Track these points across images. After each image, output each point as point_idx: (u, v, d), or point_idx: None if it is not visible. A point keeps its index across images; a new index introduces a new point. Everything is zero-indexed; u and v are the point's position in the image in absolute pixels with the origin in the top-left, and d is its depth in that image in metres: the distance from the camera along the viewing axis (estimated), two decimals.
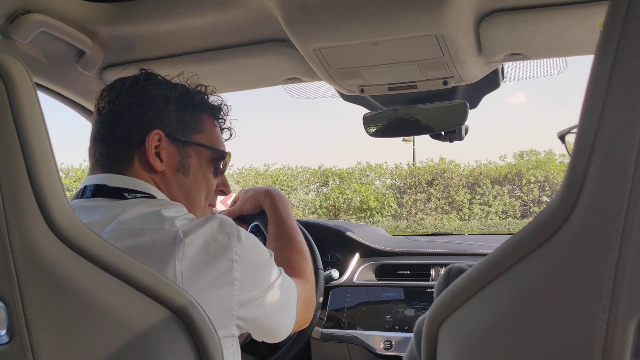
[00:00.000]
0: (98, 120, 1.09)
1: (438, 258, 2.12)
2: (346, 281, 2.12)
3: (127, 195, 1.02)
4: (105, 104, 1.08)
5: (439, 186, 15.85)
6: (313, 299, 1.26)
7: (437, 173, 16.05)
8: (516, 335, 0.57)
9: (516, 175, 15.51)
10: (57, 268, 0.69)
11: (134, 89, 1.08)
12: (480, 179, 15.66)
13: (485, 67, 1.48)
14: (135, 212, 0.96)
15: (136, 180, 1.05)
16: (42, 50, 1.37)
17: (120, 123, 1.06)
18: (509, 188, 15.50)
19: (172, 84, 1.14)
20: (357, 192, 16.39)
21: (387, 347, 1.90)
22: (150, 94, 1.09)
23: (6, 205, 0.67)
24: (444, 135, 1.84)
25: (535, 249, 0.57)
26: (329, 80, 1.53)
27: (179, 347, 0.73)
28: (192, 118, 1.14)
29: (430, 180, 16.01)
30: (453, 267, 0.79)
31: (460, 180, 15.86)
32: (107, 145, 1.07)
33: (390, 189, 16.82)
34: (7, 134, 0.67)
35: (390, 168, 17.20)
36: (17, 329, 0.69)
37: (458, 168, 16.33)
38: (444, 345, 0.67)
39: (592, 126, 0.52)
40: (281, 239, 1.31)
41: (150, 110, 1.08)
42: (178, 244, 0.89)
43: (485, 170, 16.00)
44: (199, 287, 0.89)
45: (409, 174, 16.54)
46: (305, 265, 1.27)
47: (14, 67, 0.68)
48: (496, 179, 15.65)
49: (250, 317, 0.99)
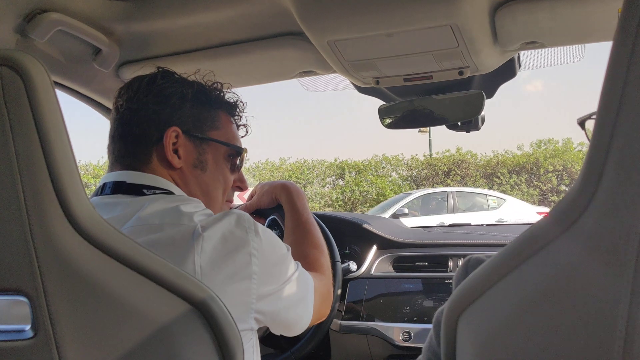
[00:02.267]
0: (116, 118, 1.10)
1: (456, 249, 2.11)
2: (364, 273, 2.12)
3: (146, 191, 1.03)
4: (124, 102, 1.10)
5: (455, 177, 15.76)
6: (330, 293, 1.26)
7: (454, 164, 15.95)
8: (536, 326, 0.57)
9: (534, 165, 15.37)
10: (78, 264, 0.70)
11: (151, 87, 1.10)
12: (498, 169, 15.53)
13: (501, 56, 1.47)
14: (154, 207, 0.97)
15: (155, 177, 1.06)
16: (60, 48, 1.38)
17: (138, 121, 1.08)
18: (527, 178, 15.37)
19: (189, 81, 1.15)
20: (374, 184, 16.35)
21: (406, 338, 1.90)
22: (167, 91, 1.10)
23: (28, 202, 0.68)
24: (460, 126, 1.83)
25: (554, 239, 0.57)
26: (344, 72, 1.52)
27: (200, 341, 0.73)
28: (208, 115, 1.15)
29: (447, 171, 15.92)
30: (472, 258, 0.78)
31: (477, 171, 15.74)
32: (125, 143, 1.08)
33: (406, 180, 16.75)
34: (27, 133, 0.68)
35: (406, 160, 17.14)
36: (41, 324, 0.71)
37: (475, 158, 16.21)
38: (463, 336, 0.67)
39: (612, 113, 0.51)
40: (298, 232, 1.32)
41: (167, 108, 1.09)
42: (197, 239, 0.90)
43: (502, 160, 15.87)
44: (218, 281, 0.90)
45: (426, 165, 16.45)
46: (322, 259, 1.28)
47: (32, 66, 0.68)
48: (514, 168, 15.52)
49: (268, 310, 0.99)
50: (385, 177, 16.83)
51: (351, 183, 16.67)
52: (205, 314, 0.73)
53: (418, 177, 16.54)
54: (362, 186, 16.40)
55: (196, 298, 0.73)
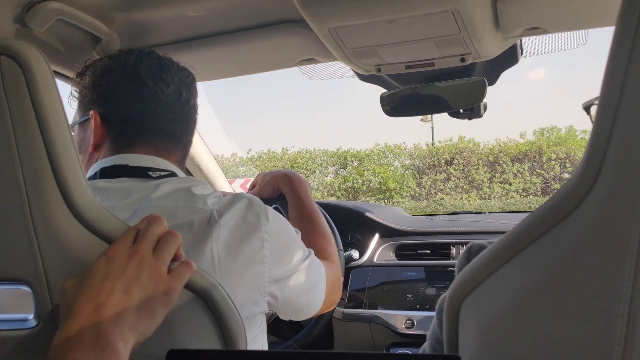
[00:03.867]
0: None
1: (458, 237, 2.12)
2: (366, 261, 2.13)
3: (152, 174, 1.03)
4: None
5: (458, 165, 15.70)
6: (340, 281, 1.28)
7: (457, 152, 15.89)
8: (537, 312, 0.57)
9: (537, 153, 15.30)
10: (80, 252, 0.70)
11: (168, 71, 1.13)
12: (500, 157, 15.47)
13: (503, 42, 1.46)
14: (165, 190, 0.98)
15: (155, 159, 1.06)
16: (59, 37, 1.38)
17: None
18: (530, 166, 15.30)
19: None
20: (376, 174, 16.30)
21: (409, 326, 1.90)
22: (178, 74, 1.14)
23: (29, 191, 0.68)
24: (462, 113, 1.82)
25: (557, 224, 0.57)
26: (345, 60, 1.51)
27: (202, 329, 0.74)
28: None
29: (449, 160, 15.86)
30: (474, 244, 0.78)
31: (480, 159, 15.68)
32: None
33: (409, 169, 16.69)
34: (27, 122, 0.68)
35: (408, 148, 17.05)
36: (44, 312, 0.71)
37: (477, 147, 16.13)
38: (465, 323, 0.67)
39: (614, 99, 0.51)
40: (304, 222, 1.32)
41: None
42: (214, 225, 0.92)
43: (505, 148, 15.79)
44: (235, 267, 0.91)
45: (428, 154, 16.38)
46: (330, 248, 1.29)
47: (31, 55, 0.68)
48: (516, 156, 15.45)
49: (280, 294, 1.01)
50: (387, 166, 16.76)
51: (354, 172, 16.62)
52: (207, 301, 0.74)
53: (420, 165, 16.47)
54: (365, 175, 16.36)
55: (198, 286, 0.73)
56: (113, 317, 0.63)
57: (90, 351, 0.60)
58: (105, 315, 0.63)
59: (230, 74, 1.75)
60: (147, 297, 0.66)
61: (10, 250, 0.70)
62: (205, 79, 1.76)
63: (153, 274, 0.68)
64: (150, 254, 0.69)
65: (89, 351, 0.60)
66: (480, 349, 0.63)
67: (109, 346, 0.61)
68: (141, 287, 0.67)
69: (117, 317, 0.63)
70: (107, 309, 0.63)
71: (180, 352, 0.67)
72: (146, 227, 0.72)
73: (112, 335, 0.62)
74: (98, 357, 0.60)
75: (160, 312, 0.67)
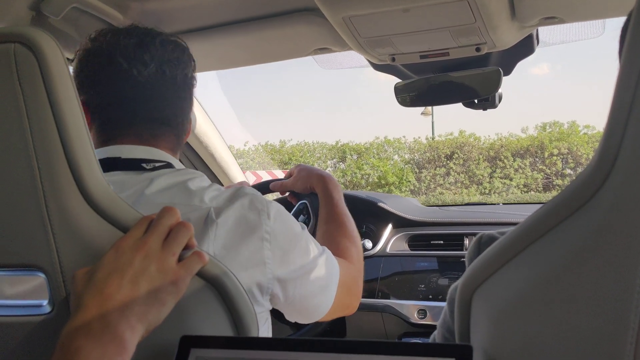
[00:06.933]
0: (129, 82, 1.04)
1: (472, 227, 2.10)
2: (379, 251, 2.13)
3: (146, 165, 0.97)
4: (138, 66, 1.03)
5: (458, 160, 15.39)
6: (359, 285, 1.21)
7: (457, 147, 15.58)
8: (549, 303, 0.56)
9: (538, 148, 14.99)
10: (93, 239, 0.71)
11: (165, 50, 1.05)
12: (501, 152, 15.16)
13: (519, 32, 1.45)
14: (160, 185, 0.92)
15: (149, 149, 1.01)
16: (75, 26, 1.38)
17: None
18: (531, 161, 15.00)
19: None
20: (375, 168, 16.02)
21: (422, 316, 1.90)
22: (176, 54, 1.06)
23: (43, 178, 0.69)
24: (477, 103, 1.81)
25: (570, 215, 0.56)
26: (359, 49, 1.51)
27: (214, 316, 0.74)
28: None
29: (449, 154, 15.55)
30: (484, 234, 0.78)
31: (480, 154, 15.35)
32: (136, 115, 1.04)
33: (408, 163, 16.38)
34: (41, 110, 0.68)
35: (408, 142, 16.74)
36: (58, 299, 0.72)
37: (478, 141, 15.79)
38: (477, 313, 0.67)
39: (630, 88, 0.50)
40: (332, 223, 1.29)
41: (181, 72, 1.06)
42: (211, 225, 0.87)
43: (506, 143, 15.47)
44: (233, 268, 0.85)
45: (428, 148, 16.08)
46: (353, 250, 1.23)
47: (45, 42, 0.69)
48: (517, 151, 15.14)
49: (284, 295, 0.96)
50: (387, 160, 16.45)
51: (352, 166, 16.33)
52: (219, 289, 0.74)
53: (420, 160, 16.19)
54: (364, 169, 16.08)
55: (209, 273, 0.73)
56: (120, 309, 0.64)
57: (96, 341, 0.61)
58: (112, 308, 0.64)
59: (245, 62, 1.75)
60: (155, 288, 0.67)
61: (26, 238, 0.70)
62: (219, 67, 1.76)
63: (160, 265, 0.69)
64: (159, 245, 0.70)
65: (95, 341, 0.61)
66: (492, 339, 0.63)
67: (115, 337, 0.62)
68: (149, 278, 0.68)
69: (124, 309, 0.64)
70: (114, 301, 0.65)
71: (192, 338, 0.68)
72: (157, 218, 0.72)
73: (119, 327, 0.63)
74: (104, 348, 0.61)
75: (169, 301, 0.68)
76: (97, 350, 0.61)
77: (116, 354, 0.61)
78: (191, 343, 0.68)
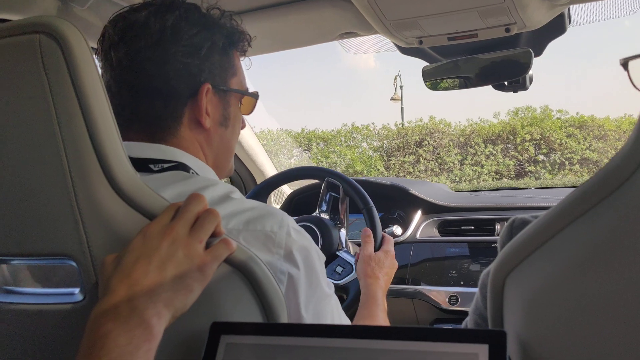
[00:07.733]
0: (125, 70, 0.95)
1: (503, 212, 2.08)
2: (409, 238, 2.12)
3: (153, 167, 0.88)
4: (137, 50, 0.93)
5: (428, 147, 14.73)
6: None
7: (427, 133, 14.93)
8: (583, 288, 0.55)
9: (510, 134, 14.32)
10: (122, 228, 0.71)
11: (178, 34, 0.93)
12: (472, 139, 14.52)
13: (550, 11, 1.41)
14: (167, 194, 0.81)
15: (160, 147, 0.92)
16: (100, 16, 1.39)
17: (165, 76, 0.93)
18: (503, 147, 14.36)
19: (215, 24, 0.98)
20: (342, 156, 15.51)
21: (453, 302, 1.89)
22: (196, 39, 0.93)
23: (72, 169, 0.69)
24: (507, 86, 1.78)
25: (603, 199, 0.54)
26: (386, 32, 1.49)
27: (243, 302, 0.74)
28: (229, 61, 1.00)
29: (419, 141, 14.89)
30: (516, 218, 0.76)
31: (450, 140, 14.71)
32: (143, 103, 0.94)
33: (377, 151, 15.77)
34: (67, 99, 0.68)
35: (377, 129, 16.10)
36: (89, 287, 0.72)
37: (449, 127, 15.13)
38: (510, 298, 0.66)
39: None
40: (364, 314, 1.33)
41: (196, 60, 0.93)
42: None
43: (477, 129, 14.81)
44: None
45: (397, 135, 15.42)
46: (368, 322, 1.29)
47: (70, 33, 0.69)
48: (489, 137, 14.48)
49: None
50: (355, 148, 15.84)
51: (319, 154, 15.71)
52: (247, 275, 0.74)
53: (389, 147, 15.62)
54: (331, 157, 15.48)
55: (237, 260, 0.73)
56: (147, 294, 0.64)
57: (123, 325, 0.61)
58: (139, 293, 0.64)
59: (269, 49, 1.74)
60: (182, 274, 0.67)
61: (56, 227, 0.71)
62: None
63: (187, 251, 0.69)
64: (186, 231, 0.70)
65: (122, 325, 0.61)
66: (525, 324, 0.62)
67: (142, 322, 0.62)
68: (176, 264, 0.68)
69: (151, 294, 0.65)
70: (141, 286, 0.65)
71: (223, 325, 0.68)
72: (185, 205, 0.72)
73: (146, 312, 0.63)
74: (131, 332, 0.61)
75: (196, 287, 0.68)
76: (125, 335, 0.61)
77: (144, 340, 0.62)
78: (221, 329, 0.68)
